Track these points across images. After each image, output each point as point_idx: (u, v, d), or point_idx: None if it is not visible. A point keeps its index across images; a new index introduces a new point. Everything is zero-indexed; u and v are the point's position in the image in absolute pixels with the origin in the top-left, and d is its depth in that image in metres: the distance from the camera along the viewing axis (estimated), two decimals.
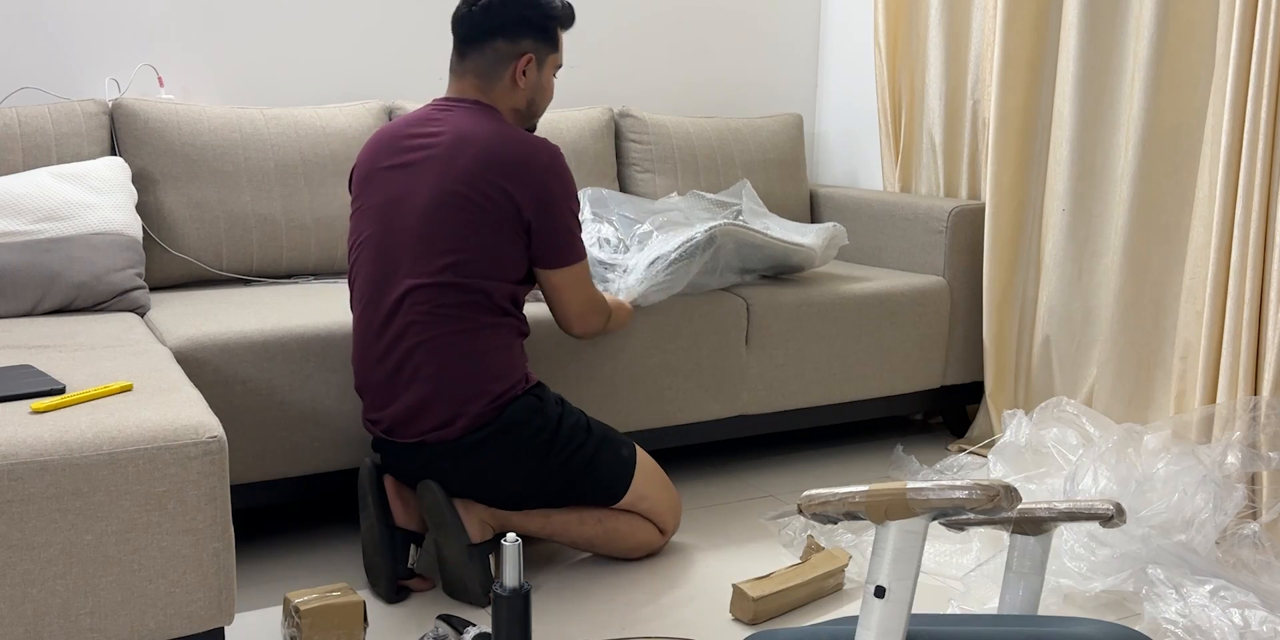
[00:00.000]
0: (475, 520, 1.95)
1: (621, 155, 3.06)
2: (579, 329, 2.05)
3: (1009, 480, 2.30)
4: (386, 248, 1.93)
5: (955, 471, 2.54)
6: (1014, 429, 2.39)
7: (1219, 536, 2.03)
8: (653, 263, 2.28)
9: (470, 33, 1.96)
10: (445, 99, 2.01)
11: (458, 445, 1.90)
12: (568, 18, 2.02)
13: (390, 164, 1.96)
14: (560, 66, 2.05)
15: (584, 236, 2.40)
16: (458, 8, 1.98)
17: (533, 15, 1.96)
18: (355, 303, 1.98)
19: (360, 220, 1.98)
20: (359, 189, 2.01)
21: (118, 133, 2.46)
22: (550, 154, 1.92)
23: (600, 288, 2.30)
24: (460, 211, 1.88)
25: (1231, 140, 2.20)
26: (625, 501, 2.05)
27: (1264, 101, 2.12)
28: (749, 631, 1.87)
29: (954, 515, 1.00)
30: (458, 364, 1.89)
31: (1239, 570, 1.96)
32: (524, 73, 1.98)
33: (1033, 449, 2.35)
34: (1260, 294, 2.19)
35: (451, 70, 2.01)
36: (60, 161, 2.36)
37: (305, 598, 1.71)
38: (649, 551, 2.12)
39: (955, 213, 2.79)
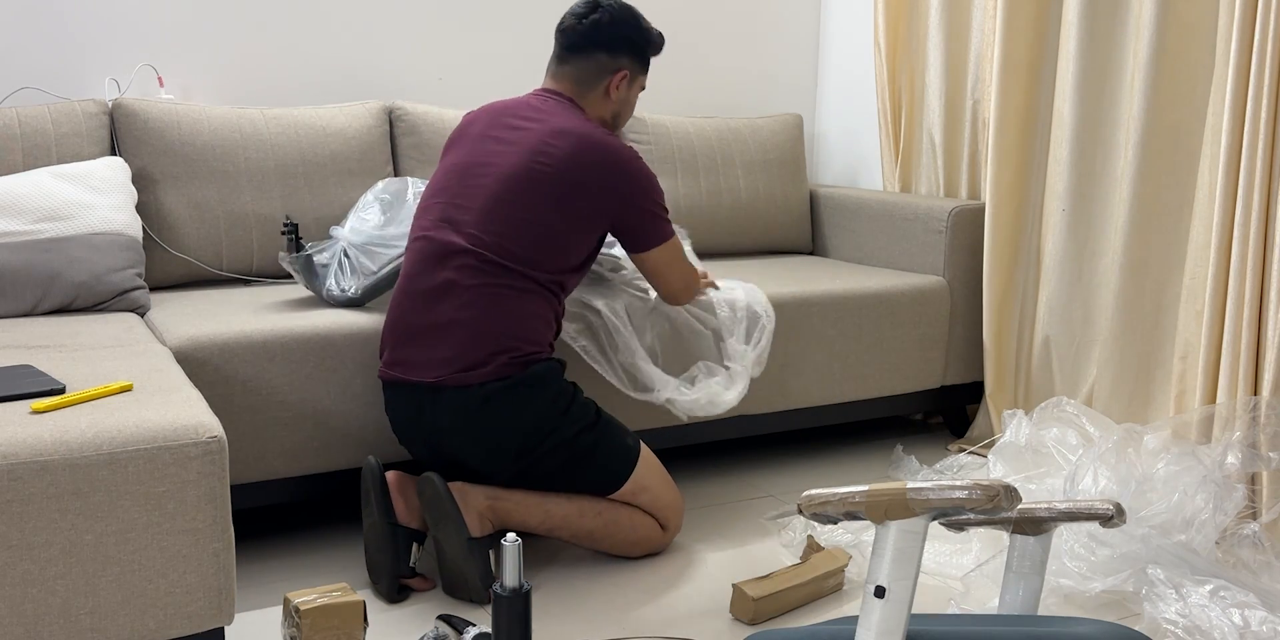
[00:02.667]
0: (474, 514, 1.96)
1: None
2: (683, 300, 2.24)
3: (1009, 480, 2.30)
4: (458, 198, 2.05)
5: (955, 471, 2.54)
6: (1014, 429, 2.39)
7: (1219, 536, 2.03)
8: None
9: (577, 42, 2.15)
10: (545, 90, 2.18)
11: (474, 394, 1.93)
12: (659, 47, 2.23)
13: (484, 134, 2.12)
14: (644, 89, 2.26)
15: None
16: (566, 18, 2.16)
17: (635, 37, 2.17)
18: (415, 236, 2.09)
19: (439, 177, 2.13)
20: (447, 150, 2.19)
21: (118, 133, 2.46)
22: (633, 153, 2.08)
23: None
24: (538, 187, 2.02)
25: (1231, 140, 2.20)
26: (626, 492, 2.06)
27: (1264, 101, 2.12)
28: (749, 631, 1.87)
29: (954, 515, 1.01)
30: (497, 316, 1.97)
31: (1239, 570, 1.96)
32: (617, 87, 2.17)
33: (1033, 449, 2.35)
34: (1260, 294, 2.19)
35: (550, 72, 2.20)
36: (60, 161, 2.36)
37: (305, 598, 1.71)
38: (651, 548, 2.12)
39: (955, 213, 2.79)
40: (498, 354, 1.95)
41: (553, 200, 2.02)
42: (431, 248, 2.03)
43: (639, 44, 2.18)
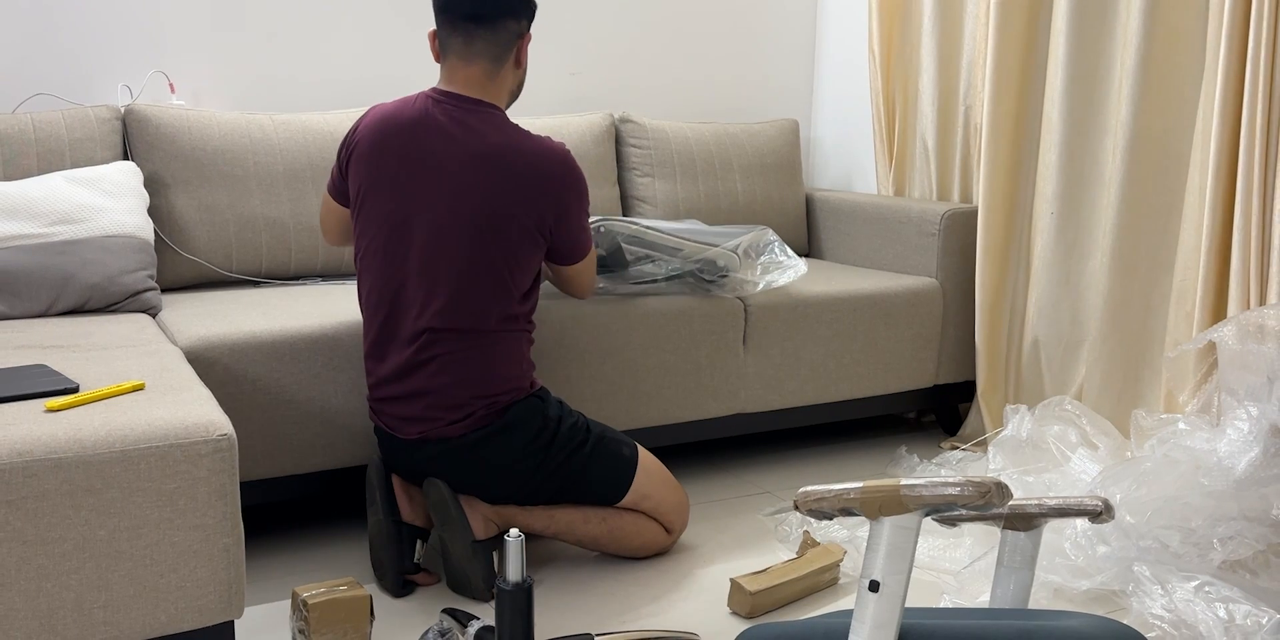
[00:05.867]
0: (480, 517, 1.97)
1: (621, 160, 3.08)
2: (587, 295, 2.19)
3: (1006, 472, 2.33)
4: (399, 262, 1.93)
5: (954, 465, 2.57)
6: (1016, 423, 2.41)
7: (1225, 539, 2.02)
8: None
9: (481, 10, 1.85)
10: (446, 93, 1.93)
11: (459, 443, 1.92)
12: None
13: (399, 170, 1.91)
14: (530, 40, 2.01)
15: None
16: None
17: None
18: (369, 305, 1.97)
19: (369, 222, 1.95)
20: (367, 183, 1.93)
21: (130, 138, 2.48)
22: (563, 159, 1.93)
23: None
24: (475, 237, 1.89)
25: (1221, 144, 2.23)
26: (628, 501, 2.06)
27: (1259, 104, 2.14)
28: (746, 625, 1.89)
29: (946, 511, 1.01)
30: (466, 377, 1.91)
31: (1237, 571, 1.96)
32: (525, 52, 1.95)
33: (1033, 444, 2.37)
34: (1246, 297, 2.21)
35: (455, 54, 1.89)
36: (74, 166, 2.37)
37: (313, 592, 1.72)
38: (656, 550, 2.13)
39: (948, 216, 2.82)
40: (475, 411, 1.92)
41: (493, 240, 1.88)
42: (389, 322, 1.94)
43: (533, 1, 1.93)
